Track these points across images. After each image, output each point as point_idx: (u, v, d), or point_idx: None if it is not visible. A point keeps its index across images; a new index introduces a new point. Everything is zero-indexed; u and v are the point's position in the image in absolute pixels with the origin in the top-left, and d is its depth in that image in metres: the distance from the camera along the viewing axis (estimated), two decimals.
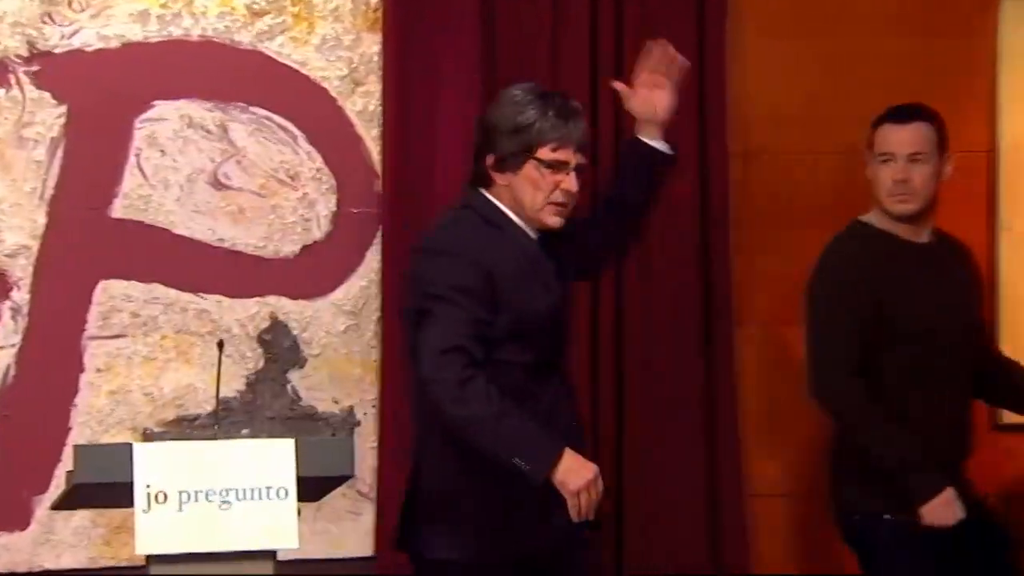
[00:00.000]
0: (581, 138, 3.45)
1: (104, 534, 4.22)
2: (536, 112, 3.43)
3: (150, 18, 4.27)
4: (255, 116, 4.37)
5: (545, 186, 3.44)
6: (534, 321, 3.42)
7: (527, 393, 3.40)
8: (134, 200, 4.27)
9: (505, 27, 4.43)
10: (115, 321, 4.27)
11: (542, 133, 3.42)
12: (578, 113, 3.48)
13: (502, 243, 3.44)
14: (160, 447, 3.54)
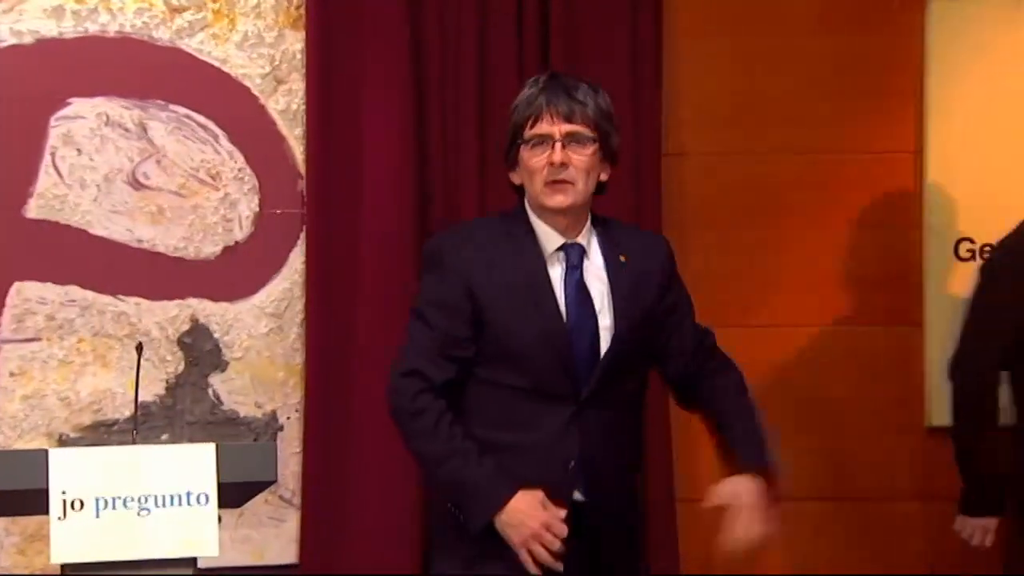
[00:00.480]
0: (564, 107, 3.19)
1: (18, 542, 4.21)
2: (522, 95, 3.26)
3: (65, 14, 4.25)
4: (175, 114, 4.36)
5: (536, 167, 3.20)
6: (518, 342, 3.20)
7: (523, 420, 3.21)
8: (49, 200, 4.25)
9: (431, 23, 4.42)
10: (29, 324, 4.25)
11: (519, 111, 3.23)
12: (559, 82, 3.24)
13: (504, 255, 3.24)
14: (76, 453, 3.49)
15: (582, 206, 3.23)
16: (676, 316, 3.34)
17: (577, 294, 3.23)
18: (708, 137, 4.49)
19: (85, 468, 3.37)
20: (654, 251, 3.35)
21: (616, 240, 3.30)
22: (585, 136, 3.19)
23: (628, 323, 3.24)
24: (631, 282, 3.27)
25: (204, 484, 3.38)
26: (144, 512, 3.37)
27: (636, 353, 3.28)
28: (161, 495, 3.39)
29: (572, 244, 3.25)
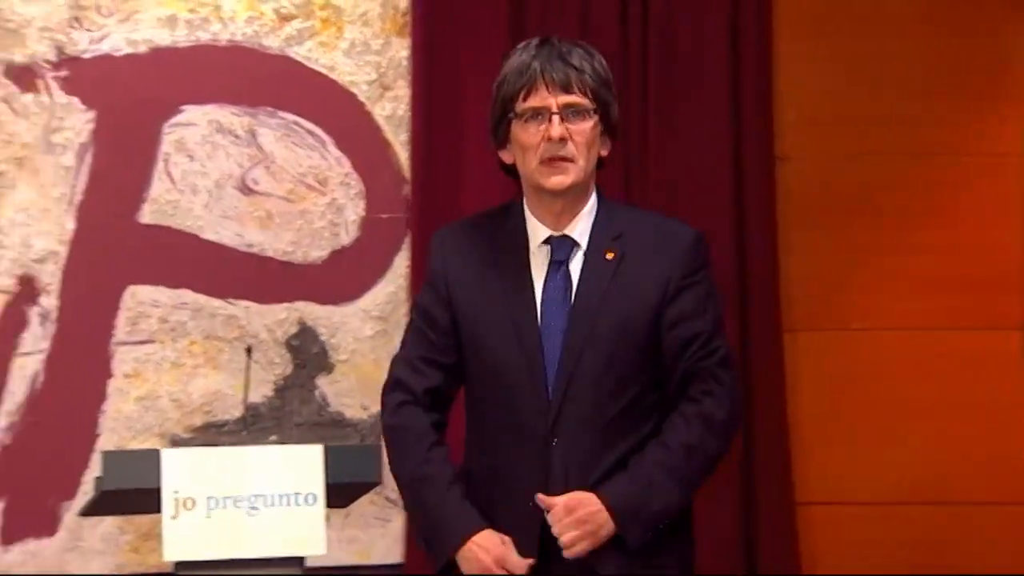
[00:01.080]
0: (560, 74, 2.78)
1: (132, 540, 4.24)
2: (509, 64, 2.86)
3: (178, 23, 4.29)
4: (283, 121, 4.39)
5: (531, 144, 2.79)
6: (488, 352, 2.83)
7: (497, 446, 2.85)
8: (162, 205, 4.29)
9: (533, 30, 4.33)
10: (143, 327, 4.28)
11: (509, 81, 2.82)
12: (552, 47, 2.83)
13: (486, 253, 2.89)
14: (188, 453, 3.55)
15: (582, 185, 2.84)
16: (676, 332, 2.83)
17: (556, 295, 2.83)
18: (813, 140, 4.44)
19: (196, 468, 3.40)
20: (668, 246, 2.86)
21: (616, 231, 2.86)
22: (585, 107, 2.80)
23: (595, 330, 2.80)
24: (612, 283, 2.83)
25: (311, 484, 3.38)
26: (253, 511, 3.39)
27: (615, 366, 2.81)
28: (270, 495, 3.41)
29: (560, 237, 2.84)
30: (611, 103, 2.83)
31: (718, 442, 2.80)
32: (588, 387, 2.76)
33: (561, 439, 2.76)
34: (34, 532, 4.19)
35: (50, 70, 4.22)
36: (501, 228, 2.87)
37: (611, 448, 2.78)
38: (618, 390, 2.79)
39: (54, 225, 4.21)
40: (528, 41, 2.85)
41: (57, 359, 4.22)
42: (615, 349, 2.77)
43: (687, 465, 2.76)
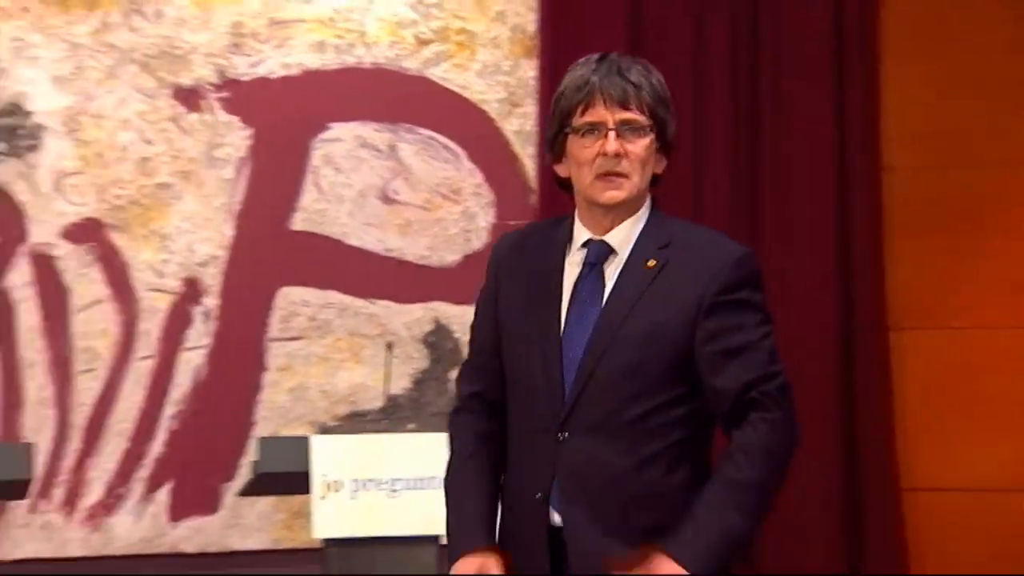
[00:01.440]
0: (618, 90, 2.58)
1: (285, 519, 4.30)
2: (567, 79, 2.64)
3: (327, 48, 4.37)
4: (421, 136, 4.46)
5: (586, 158, 2.58)
6: (513, 349, 2.62)
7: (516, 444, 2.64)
8: (311, 214, 4.39)
9: (652, 55, 4.36)
10: (294, 324, 4.37)
11: (567, 95, 2.61)
12: (611, 63, 2.62)
13: (531, 260, 2.67)
14: (335, 440, 3.71)
15: (635, 202, 2.63)
16: (710, 348, 2.58)
17: (584, 296, 2.62)
18: (917, 152, 4.45)
19: (343, 453, 3.54)
20: (706, 262, 2.62)
21: (663, 241, 2.64)
22: (641, 125, 2.59)
23: (621, 331, 2.58)
24: (646, 290, 2.60)
25: None
26: (394, 493, 3.53)
27: (637, 371, 2.57)
28: (408, 478, 3.53)
29: (597, 242, 2.62)
30: (668, 121, 2.66)
31: (779, 472, 2.60)
32: (606, 388, 2.56)
33: (571, 436, 2.57)
34: (198, 510, 4.24)
35: (213, 92, 4.30)
36: (551, 235, 2.68)
37: (625, 453, 2.57)
38: (638, 396, 2.57)
39: (215, 232, 4.28)
40: (588, 57, 2.66)
41: (218, 354, 4.28)
42: (640, 355, 2.56)
43: (753, 503, 2.55)
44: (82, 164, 4.22)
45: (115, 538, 4.21)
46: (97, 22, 4.21)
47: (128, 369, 4.25)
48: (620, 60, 2.63)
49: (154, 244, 4.27)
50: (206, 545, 4.27)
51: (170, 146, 4.29)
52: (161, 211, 4.26)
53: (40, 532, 4.15)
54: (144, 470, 4.25)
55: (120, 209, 4.25)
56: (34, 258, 4.19)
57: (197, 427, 4.28)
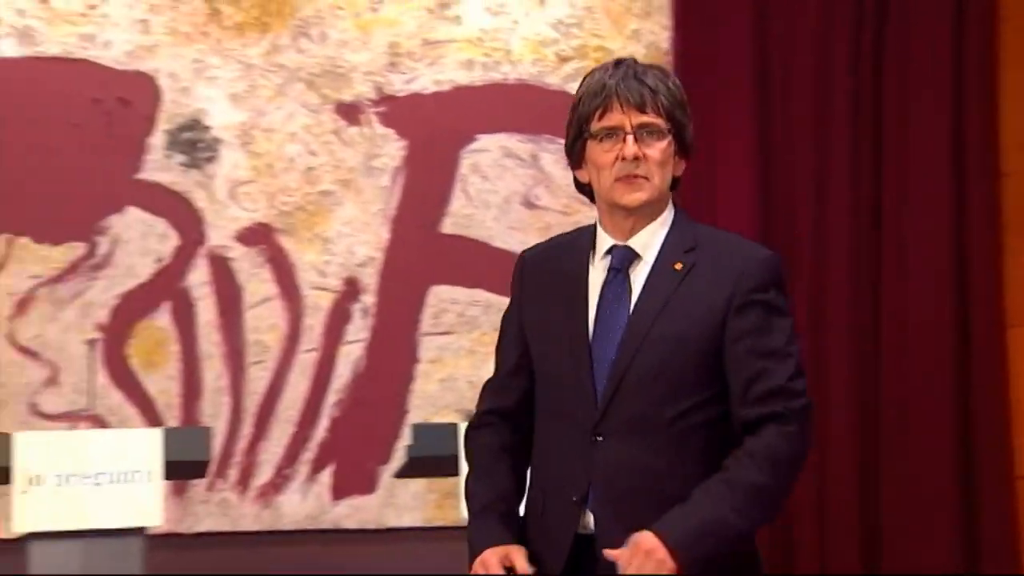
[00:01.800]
0: (635, 95, 2.45)
1: (436, 499, 4.38)
2: (584, 86, 2.53)
3: (475, 65, 4.47)
4: (561, 147, 4.30)
5: (606, 162, 2.46)
6: (542, 352, 2.49)
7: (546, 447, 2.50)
8: (459, 218, 4.50)
9: (778, 70, 4.46)
10: (444, 320, 4.48)
11: (584, 101, 2.50)
12: (628, 68, 2.49)
13: (556, 267, 2.54)
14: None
15: (656, 204, 2.49)
16: (739, 347, 2.46)
17: (611, 299, 2.50)
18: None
19: None
20: (731, 265, 2.49)
21: (689, 245, 2.51)
22: (659, 128, 2.46)
23: (652, 333, 2.46)
24: (678, 291, 2.48)
25: None
26: None
27: (666, 373, 2.45)
28: None
29: (622, 247, 2.50)
30: (685, 124, 2.52)
31: (783, 483, 2.47)
32: (638, 390, 2.45)
33: (606, 438, 2.45)
34: (357, 490, 4.35)
35: (371, 107, 4.42)
36: (574, 244, 2.57)
37: (658, 453, 2.45)
38: (670, 397, 2.46)
39: (373, 235, 4.40)
40: (605, 63, 2.55)
41: (375, 347, 4.38)
42: (671, 357, 2.45)
43: (749, 505, 2.44)
44: (254, 174, 4.35)
45: (283, 515, 4.33)
46: (268, 44, 4.35)
47: (294, 361, 4.37)
48: (636, 65, 2.52)
49: (317, 247, 4.39)
50: (365, 522, 4.37)
51: (332, 157, 4.41)
52: (324, 216, 4.39)
53: (217, 508, 4.29)
54: (309, 453, 4.36)
55: (287, 215, 4.38)
56: (211, 259, 4.33)
57: (356, 414, 4.38)
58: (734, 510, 2.43)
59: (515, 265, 2.61)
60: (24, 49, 4.23)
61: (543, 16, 4.49)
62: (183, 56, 4.32)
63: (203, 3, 4.33)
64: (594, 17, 4.51)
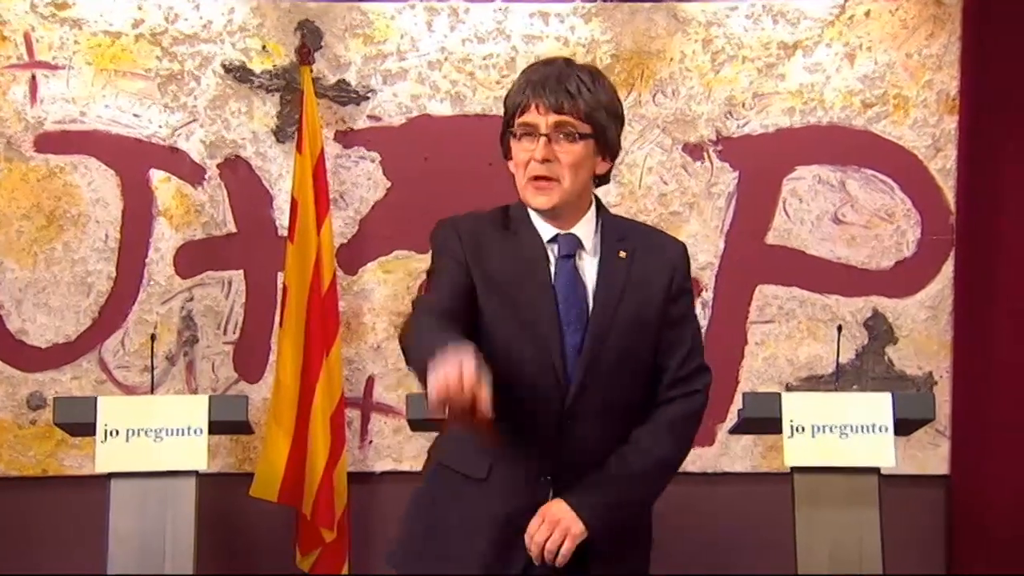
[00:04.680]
0: (552, 97, 2.11)
1: (761, 451, 4.38)
2: (514, 83, 2.21)
3: (795, 112, 4.41)
4: (865, 174, 4.43)
5: (521, 161, 2.15)
6: (506, 334, 2.13)
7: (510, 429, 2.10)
8: (781, 232, 4.45)
9: None
10: (767, 312, 4.44)
11: (509, 99, 2.19)
12: (551, 70, 2.15)
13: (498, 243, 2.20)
14: (799, 396, 3.77)
15: (572, 203, 2.17)
16: (676, 331, 2.22)
17: (567, 285, 2.17)
18: None
19: (805, 406, 3.57)
20: (663, 254, 2.23)
21: (620, 235, 2.22)
22: (575, 129, 2.13)
23: (614, 319, 2.15)
24: (628, 278, 2.18)
25: (884, 419, 3.51)
26: (844, 436, 3.52)
27: (630, 356, 2.16)
28: (855, 424, 3.53)
29: (566, 235, 2.19)
30: (608, 126, 2.17)
31: (685, 454, 2.27)
32: (606, 375, 2.14)
33: (576, 423, 2.13)
34: (699, 443, 3.84)
35: (711, 146, 4.41)
36: (508, 222, 2.22)
37: (620, 436, 2.18)
38: (635, 380, 2.19)
39: (711, 245, 4.41)
40: (537, 62, 2.24)
41: (713, 332, 4.31)
42: (632, 340, 2.16)
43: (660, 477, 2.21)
44: (620, 199, 4.40)
45: None
46: (633, 100, 4.41)
47: None
48: (564, 67, 2.17)
49: None
50: (705, 467, 4.38)
51: (680, 185, 4.44)
52: (674, 231, 4.34)
53: None
54: None
55: None
56: None
57: None
58: (645, 482, 2.18)
59: (440, 230, 2.21)
60: (455, 109, 4.45)
61: (852, 72, 4.44)
62: None
63: None
64: (894, 71, 4.44)
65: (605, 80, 2.20)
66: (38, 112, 4.36)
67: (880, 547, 3.50)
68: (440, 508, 2.20)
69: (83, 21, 4.39)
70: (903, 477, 4.06)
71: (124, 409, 3.60)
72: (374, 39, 4.46)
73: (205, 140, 4.41)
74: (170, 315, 4.40)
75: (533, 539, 2.11)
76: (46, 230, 4.37)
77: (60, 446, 4.31)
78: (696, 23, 4.43)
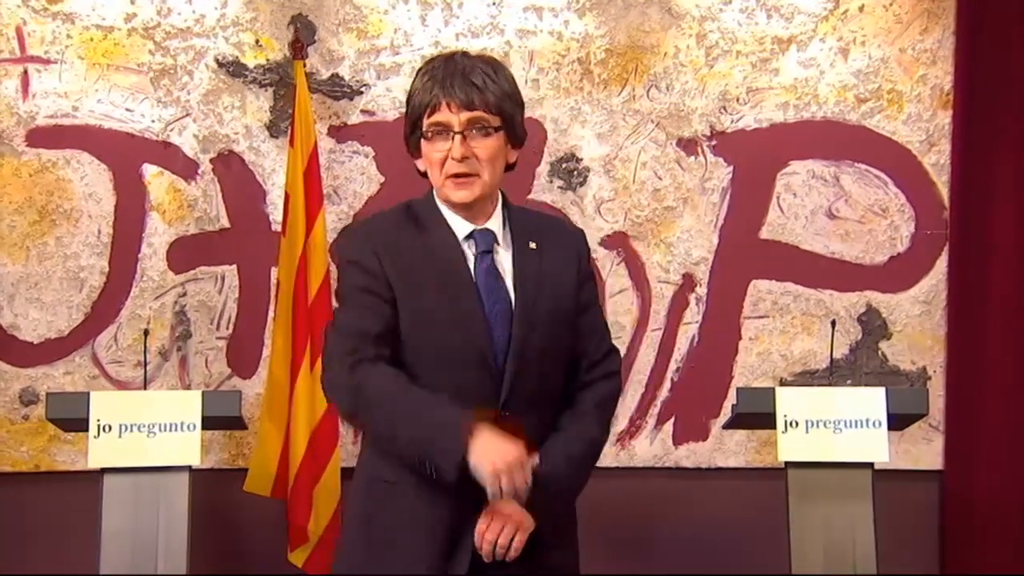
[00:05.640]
0: (461, 94, 2.11)
1: (755, 446, 4.34)
2: (416, 81, 2.20)
3: (789, 107, 4.40)
4: (858, 169, 4.40)
5: (436, 160, 2.17)
6: (434, 332, 2.14)
7: None
8: (775, 227, 4.42)
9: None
10: (760, 306, 4.41)
11: (415, 99, 2.18)
12: (454, 66, 2.14)
13: (413, 242, 2.20)
14: (793, 391, 3.71)
15: (489, 195, 2.21)
16: (588, 316, 2.26)
17: (489, 280, 2.19)
18: None
19: (798, 401, 3.52)
20: (568, 242, 2.28)
21: (527, 227, 2.26)
22: (487, 123, 2.15)
23: (537, 310, 2.18)
24: (542, 269, 2.21)
25: (877, 414, 3.47)
26: (838, 431, 3.48)
27: (555, 346, 2.20)
28: (846, 419, 3.47)
29: (482, 230, 2.22)
30: (514, 114, 2.20)
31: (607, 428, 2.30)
32: (535, 366, 2.17)
33: (512, 413, 2.14)
34: (694, 438, 4.33)
35: (705, 141, 4.38)
36: (418, 221, 2.22)
37: (550, 423, 2.21)
38: (557, 368, 2.22)
39: (705, 240, 4.37)
40: (435, 58, 2.22)
41: (707, 327, 4.35)
42: (554, 329, 2.19)
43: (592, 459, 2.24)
44: (614, 194, 4.40)
45: (636, 456, 4.37)
46: (627, 95, 4.39)
47: (644, 338, 4.39)
48: (466, 61, 2.17)
49: (662, 249, 4.41)
50: (699, 463, 4.36)
51: (674, 180, 4.41)
52: (668, 226, 4.40)
53: None
54: (656, 408, 4.38)
55: (639, 225, 4.41)
56: None
57: (693, 379, 4.37)
58: (582, 467, 2.21)
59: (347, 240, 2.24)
60: None
61: (845, 67, 4.41)
62: (563, 105, 4.42)
63: (579, 66, 4.42)
64: (888, 66, 4.41)
65: (504, 68, 2.23)
66: (30, 107, 4.34)
67: (874, 541, 3.48)
68: (377, 516, 2.20)
69: (75, 15, 4.37)
70: (897, 472, 4.03)
71: (117, 404, 3.58)
72: (368, 33, 4.43)
73: (198, 135, 4.39)
74: (163, 310, 4.38)
75: (484, 538, 2.12)
76: (38, 225, 4.35)
77: (52, 441, 4.29)
78: (690, 18, 4.42)
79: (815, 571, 3.47)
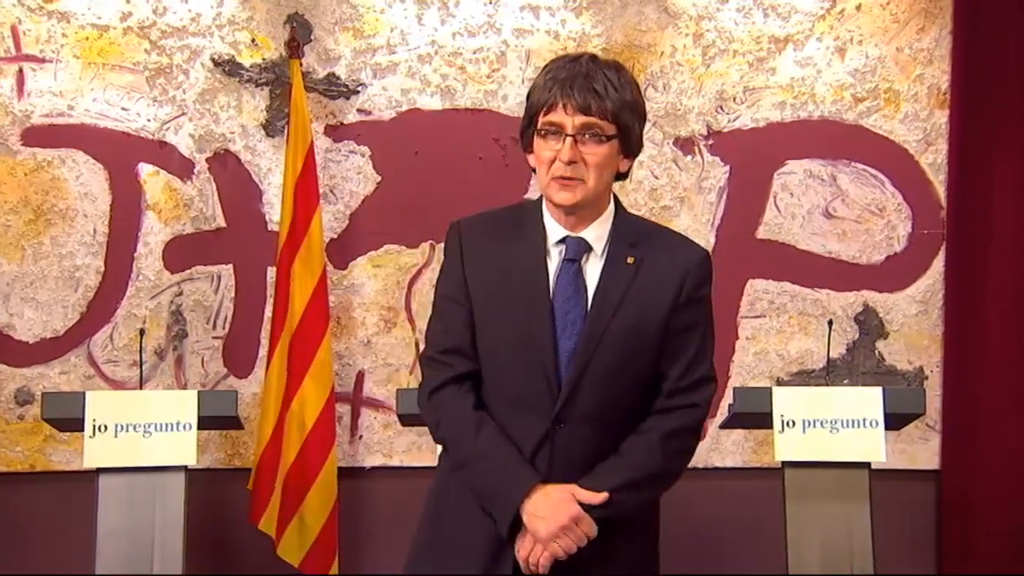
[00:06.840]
0: (580, 97, 2.07)
1: (752, 445, 4.37)
2: (539, 78, 2.17)
3: (786, 106, 4.41)
4: (855, 169, 4.42)
5: (545, 159, 2.13)
6: (497, 336, 2.14)
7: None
8: (772, 227, 4.44)
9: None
10: (758, 306, 4.43)
11: (534, 95, 2.15)
12: (579, 69, 2.11)
13: (505, 245, 2.19)
14: (789, 391, 3.71)
15: (593, 201, 2.16)
16: (678, 341, 2.16)
17: (567, 290, 2.15)
18: None
19: (795, 400, 3.53)
20: (679, 262, 2.18)
21: (634, 240, 2.19)
22: (601, 130, 2.11)
23: (610, 326, 2.12)
24: (631, 285, 2.15)
25: (875, 414, 3.47)
26: (835, 431, 3.49)
27: (625, 363, 2.13)
28: (844, 419, 3.49)
29: (575, 237, 2.17)
30: (632, 125, 2.16)
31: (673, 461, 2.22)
32: (600, 381, 2.12)
33: (567, 426, 2.12)
34: None
35: (702, 140, 4.39)
36: (519, 223, 2.20)
37: (615, 439, 2.16)
38: (627, 387, 2.15)
39: (702, 240, 4.21)
40: (561, 58, 2.18)
41: None
42: (629, 348, 2.13)
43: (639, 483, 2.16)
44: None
45: None
46: None
47: None
48: (590, 65, 2.13)
49: None
50: (696, 462, 3.95)
51: (671, 179, 4.41)
52: (665, 224, 4.41)
53: None
54: None
55: None
56: None
57: None
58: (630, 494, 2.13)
59: (449, 234, 2.21)
60: (446, 103, 4.43)
61: (842, 67, 4.42)
62: None
63: None
64: (885, 66, 4.42)
65: (629, 76, 2.18)
66: (25, 106, 4.34)
67: (871, 541, 3.50)
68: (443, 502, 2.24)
69: (71, 14, 4.37)
70: (893, 471, 4.04)
71: (113, 404, 3.59)
72: (364, 33, 4.44)
73: (194, 134, 4.39)
74: (159, 310, 4.38)
75: (519, 554, 2.14)
76: (34, 224, 4.35)
77: (48, 441, 4.29)
78: (687, 17, 4.42)
79: (812, 571, 3.49)
